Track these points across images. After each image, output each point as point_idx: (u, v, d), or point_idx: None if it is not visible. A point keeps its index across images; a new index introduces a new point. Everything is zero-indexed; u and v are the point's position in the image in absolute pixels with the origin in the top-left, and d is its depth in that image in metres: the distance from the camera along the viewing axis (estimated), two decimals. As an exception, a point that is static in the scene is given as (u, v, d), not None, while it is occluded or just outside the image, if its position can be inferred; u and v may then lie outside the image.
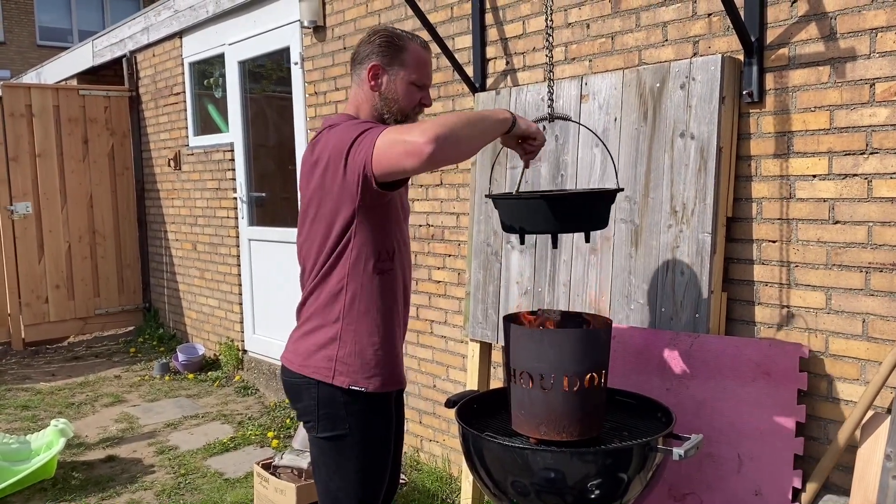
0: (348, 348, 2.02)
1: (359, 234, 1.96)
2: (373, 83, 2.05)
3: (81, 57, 7.98)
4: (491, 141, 1.93)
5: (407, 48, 2.05)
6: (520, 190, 2.16)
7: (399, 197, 2.08)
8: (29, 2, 18.80)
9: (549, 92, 2.18)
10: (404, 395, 2.40)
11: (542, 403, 2.03)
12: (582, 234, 2.08)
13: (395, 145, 1.78)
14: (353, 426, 2.04)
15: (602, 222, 2.04)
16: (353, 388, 2.02)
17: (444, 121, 1.78)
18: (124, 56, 7.12)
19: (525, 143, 2.01)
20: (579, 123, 2.36)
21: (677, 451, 1.92)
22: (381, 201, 1.95)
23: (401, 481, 3.71)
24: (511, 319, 2.17)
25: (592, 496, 1.97)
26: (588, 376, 2.01)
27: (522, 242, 2.07)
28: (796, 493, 2.33)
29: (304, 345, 2.09)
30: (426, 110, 2.19)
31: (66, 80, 8.37)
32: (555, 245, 2.01)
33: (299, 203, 2.10)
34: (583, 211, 2.01)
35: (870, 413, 2.24)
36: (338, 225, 1.97)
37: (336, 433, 2.05)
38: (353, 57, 2.12)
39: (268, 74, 5.63)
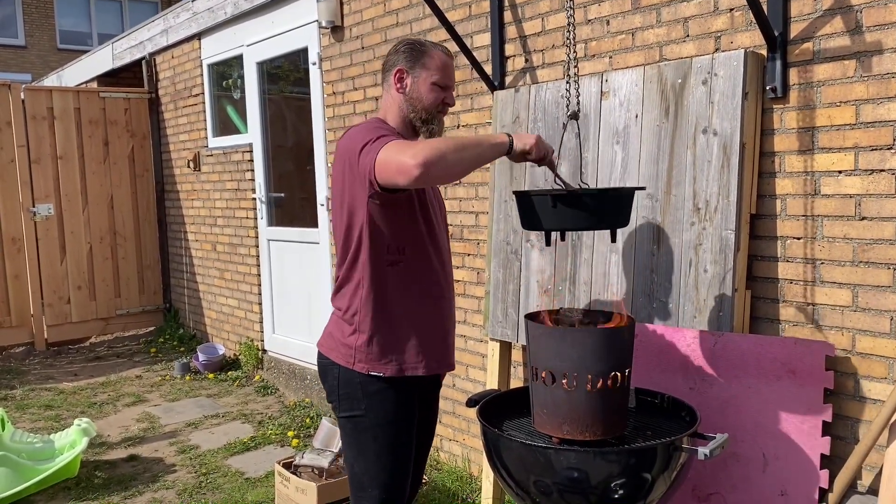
0: (365, 337, 2.14)
1: (370, 228, 2.09)
2: (398, 86, 2.21)
3: (101, 60, 8.06)
4: (487, 163, 2.07)
5: (428, 52, 2.20)
6: (552, 186, 2.17)
7: (424, 192, 2.18)
8: (49, 6, 19.01)
9: (568, 89, 2.17)
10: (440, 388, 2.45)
11: (565, 403, 2.01)
12: (601, 233, 2.07)
13: (390, 162, 1.91)
14: (368, 407, 2.15)
15: (622, 221, 2.03)
16: (372, 373, 2.14)
17: (437, 144, 1.90)
18: (143, 58, 7.17)
19: (529, 159, 2.08)
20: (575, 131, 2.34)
21: (702, 451, 1.90)
22: (393, 200, 2.07)
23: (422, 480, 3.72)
24: (532, 318, 2.16)
25: (616, 496, 1.96)
26: (611, 375, 1.99)
27: (548, 244, 2.06)
28: (823, 493, 2.30)
29: (333, 330, 2.24)
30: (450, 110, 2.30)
31: (86, 82, 8.44)
32: (545, 238, 2.04)
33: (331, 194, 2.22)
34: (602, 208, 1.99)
35: (898, 412, 2.20)
36: (355, 218, 2.11)
37: (353, 413, 2.18)
38: (383, 67, 2.28)
39: (285, 75, 5.65)
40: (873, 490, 2.31)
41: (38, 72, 17.52)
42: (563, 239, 2.08)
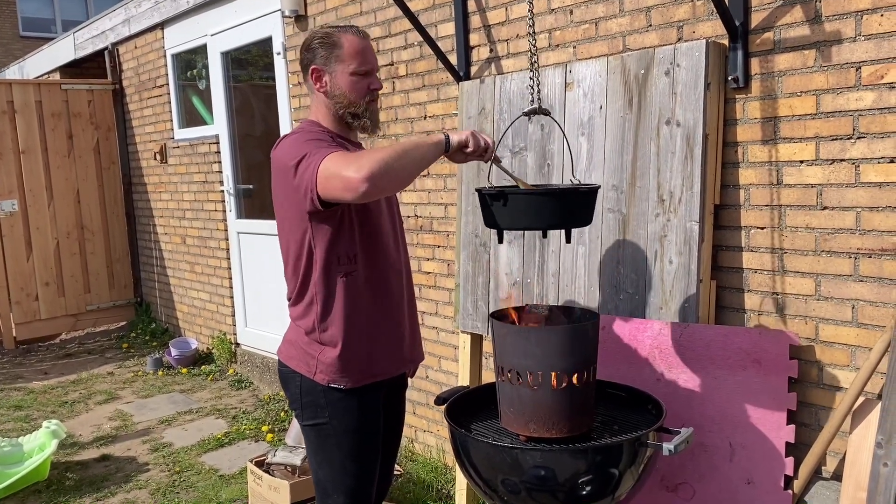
0: (325, 350, 2.10)
1: (317, 242, 2.03)
2: (318, 85, 2.11)
3: (63, 50, 7.88)
4: (429, 165, 1.96)
5: (339, 42, 2.08)
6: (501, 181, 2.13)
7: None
8: (10, -7, 18.55)
9: (532, 84, 2.15)
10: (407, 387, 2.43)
11: (531, 401, 2.01)
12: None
13: (333, 179, 1.84)
14: (332, 415, 2.11)
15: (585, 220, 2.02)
16: (333, 385, 2.10)
17: (379, 155, 1.81)
18: (106, 48, 7.02)
19: (469, 154, 2.01)
20: (559, 124, 2.33)
21: (667, 447, 1.91)
22: (335, 212, 2.00)
23: (396, 472, 3.71)
24: (498, 316, 2.15)
25: (584, 493, 1.96)
26: (576, 372, 1.99)
27: (500, 241, 2.05)
28: (788, 480, 2.33)
29: (294, 338, 2.18)
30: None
31: (48, 73, 8.26)
32: (498, 236, 2.01)
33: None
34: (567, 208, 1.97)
35: (860, 399, 2.23)
36: (298, 234, 2.05)
37: (317, 422, 2.14)
38: (301, 66, 2.17)
39: (254, 61, 5.55)
40: (837, 476, 2.35)
41: (1, 61, 17.11)
42: (500, 240, 2.05)
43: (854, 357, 2.28)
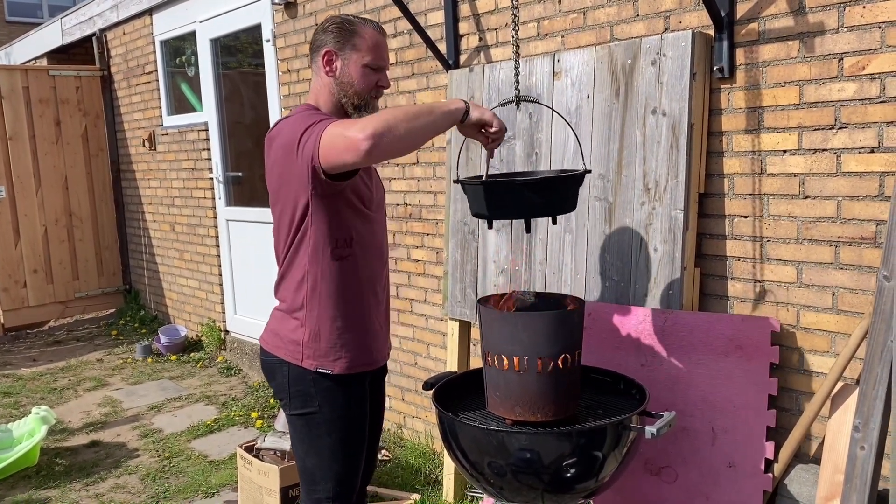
0: (313, 333, 2.09)
1: (315, 221, 2.01)
2: (328, 69, 2.09)
3: (51, 36, 7.82)
4: (442, 132, 1.92)
5: (359, 32, 2.07)
6: (488, 174, 2.14)
7: (363, 185, 2.09)
8: (-5, -23, 18.35)
9: (516, 72, 2.17)
10: (387, 374, 2.44)
11: (517, 385, 2.05)
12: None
13: (336, 139, 1.81)
14: (322, 404, 2.10)
15: (570, 206, 2.05)
16: (321, 370, 2.09)
17: (386, 116, 1.78)
18: (94, 34, 6.98)
19: (484, 131, 1.98)
20: (549, 106, 2.35)
21: (649, 430, 1.95)
22: (335, 190, 1.98)
23: (385, 458, 3.75)
24: (484, 303, 2.18)
25: (568, 475, 2.00)
26: (561, 357, 2.03)
27: (490, 227, 2.08)
28: (769, 463, 2.38)
29: (277, 327, 2.17)
30: (385, 92, 2.20)
31: (36, 59, 8.20)
32: (487, 223, 2.04)
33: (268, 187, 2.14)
34: (551, 195, 2.00)
35: (839, 384, 2.28)
36: (297, 213, 2.02)
37: (307, 411, 2.12)
38: (310, 46, 2.15)
39: (244, 48, 5.54)
40: (816, 459, 2.40)
41: (-13, 46, 16.92)
42: (490, 225, 2.07)
43: (834, 343, 2.33)
